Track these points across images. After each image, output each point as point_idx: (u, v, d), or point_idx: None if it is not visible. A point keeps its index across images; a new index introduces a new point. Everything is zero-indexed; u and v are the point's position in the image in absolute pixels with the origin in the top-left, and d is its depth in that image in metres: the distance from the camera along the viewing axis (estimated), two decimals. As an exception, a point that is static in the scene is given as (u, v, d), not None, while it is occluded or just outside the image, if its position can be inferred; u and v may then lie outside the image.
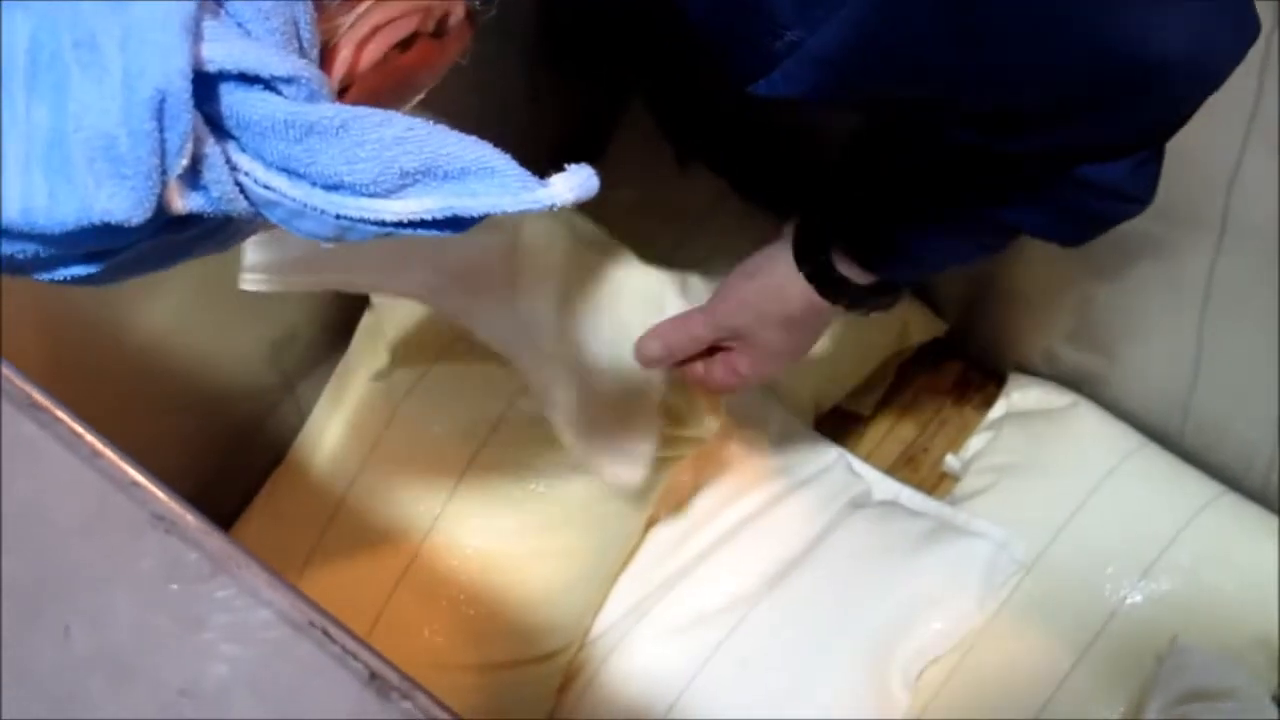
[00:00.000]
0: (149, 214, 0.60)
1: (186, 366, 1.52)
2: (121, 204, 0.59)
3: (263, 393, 1.68)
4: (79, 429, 0.73)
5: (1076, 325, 1.81)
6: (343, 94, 0.73)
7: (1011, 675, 1.64)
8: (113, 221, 0.59)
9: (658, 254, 1.64)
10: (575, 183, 0.63)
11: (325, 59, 0.71)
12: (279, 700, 0.67)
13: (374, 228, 0.63)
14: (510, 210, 0.62)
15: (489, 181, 0.62)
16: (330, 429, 1.68)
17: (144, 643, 0.69)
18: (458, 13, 0.82)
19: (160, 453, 0.73)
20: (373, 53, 0.75)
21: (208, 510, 0.72)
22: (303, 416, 1.73)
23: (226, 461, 1.65)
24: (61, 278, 0.67)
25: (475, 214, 0.63)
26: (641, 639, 1.64)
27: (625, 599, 1.69)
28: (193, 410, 1.58)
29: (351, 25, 0.73)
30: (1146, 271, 1.64)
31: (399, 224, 0.63)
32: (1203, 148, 1.43)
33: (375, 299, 1.68)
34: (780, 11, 0.88)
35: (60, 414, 0.73)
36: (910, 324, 1.93)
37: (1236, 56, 0.94)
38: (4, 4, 0.59)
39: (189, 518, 0.71)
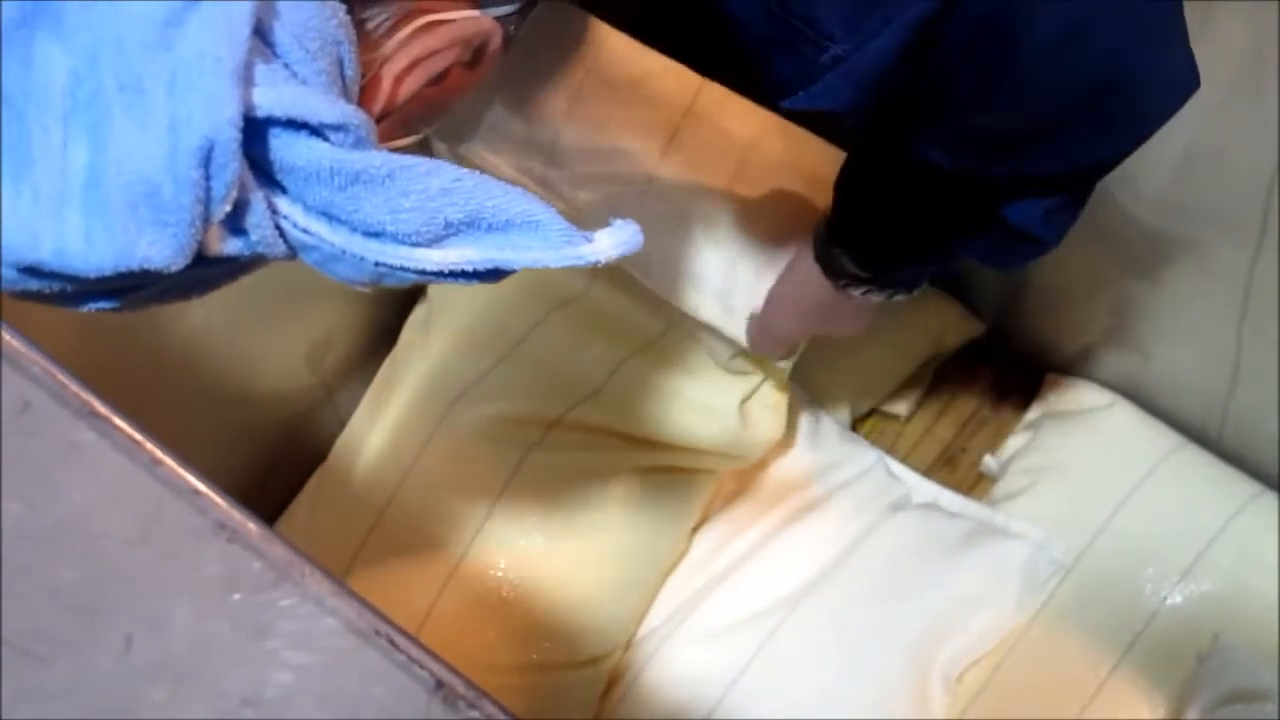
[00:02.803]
0: (189, 260, 0.59)
1: (225, 368, 1.52)
2: (162, 251, 0.58)
3: (300, 395, 1.68)
4: (138, 436, 0.72)
5: (1114, 325, 1.80)
6: (377, 122, 0.72)
7: (1052, 676, 1.63)
8: (152, 268, 0.59)
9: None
10: (620, 239, 0.63)
11: (364, 90, 0.70)
12: (344, 709, 0.67)
13: (413, 275, 0.63)
14: (552, 265, 0.62)
15: (532, 235, 0.62)
16: (375, 430, 1.68)
17: (206, 652, 0.68)
18: (495, 41, 0.82)
19: (197, 455, 0.73)
20: (410, 86, 0.74)
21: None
22: (341, 419, 1.72)
23: (263, 464, 1.65)
24: (83, 309, 0.66)
25: (516, 266, 0.63)
26: (682, 642, 1.64)
27: (667, 603, 1.69)
28: (230, 412, 1.58)
29: (391, 57, 0.73)
30: (1185, 272, 1.63)
31: (439, 273, 0.62)
32: (1242, 150, 1.42)
33: (431, 291, 1.68)
34: (829, 25, 0.88)
35: (119, 422, 0.72)
36: (948, 326, 1.92)
37: (1180, 104, 0.99)
38: (38, 36, 0.57)
39: (251, 526, 0.70)
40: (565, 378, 1.63)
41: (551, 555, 1.60)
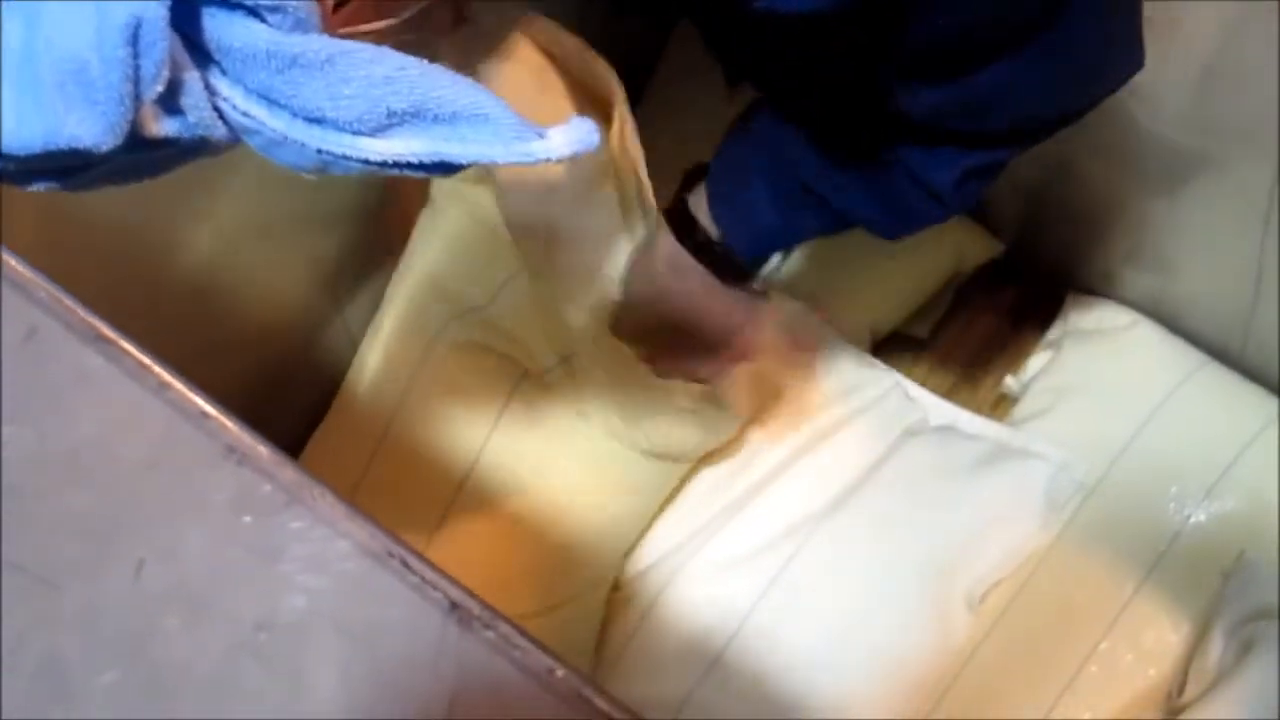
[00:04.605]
0: (120, 139, 0.58)
1: (238, 293, 1.51)
2: (91, 129, 0.57)
3: (316, 319, 1.67)
4: (146, 360, 0.72)
5: (1135, 244, 1.79)
6: (338, 8, 0.71)
7: (1076, 597, 1.62)
8: (81, 147, 0.58)
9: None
10: (575, 137, 0.60)
11: None
12: (359, 632, 0.66)
13: (356, 164, 0.62)
14: (500, 161, 0.60)
15: (481, 128, 0.60)
16: (369, 364, 1.67)
17: (218, 577, 0.68)
18: None
19: (213, 384, 0.72)
20: None
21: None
22: (354, 343, 1.71)
23: (280, 390, 1.64)
24: (30, 189, 0.65)
25: (464, 160, 0.61)
26: (697, 571, 1.63)
27: (679, 532, 1.68)
28: (245, 339, 1.57)
29: None
30: (1205, 189, 1.62)
31: (383, 164, 0.61)
32: (1263, 64, 1.41)
33: (435, 192, 1.66)
34: None
35: (127, 346, 0.72)
36: (967, 246, 1.91)
37: (1126, 79, 1.07)
38: None
39: (261, 449, 0.70)
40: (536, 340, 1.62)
41: (544, 494, 1.59)
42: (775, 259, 1.71)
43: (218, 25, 0.59)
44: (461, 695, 0.66)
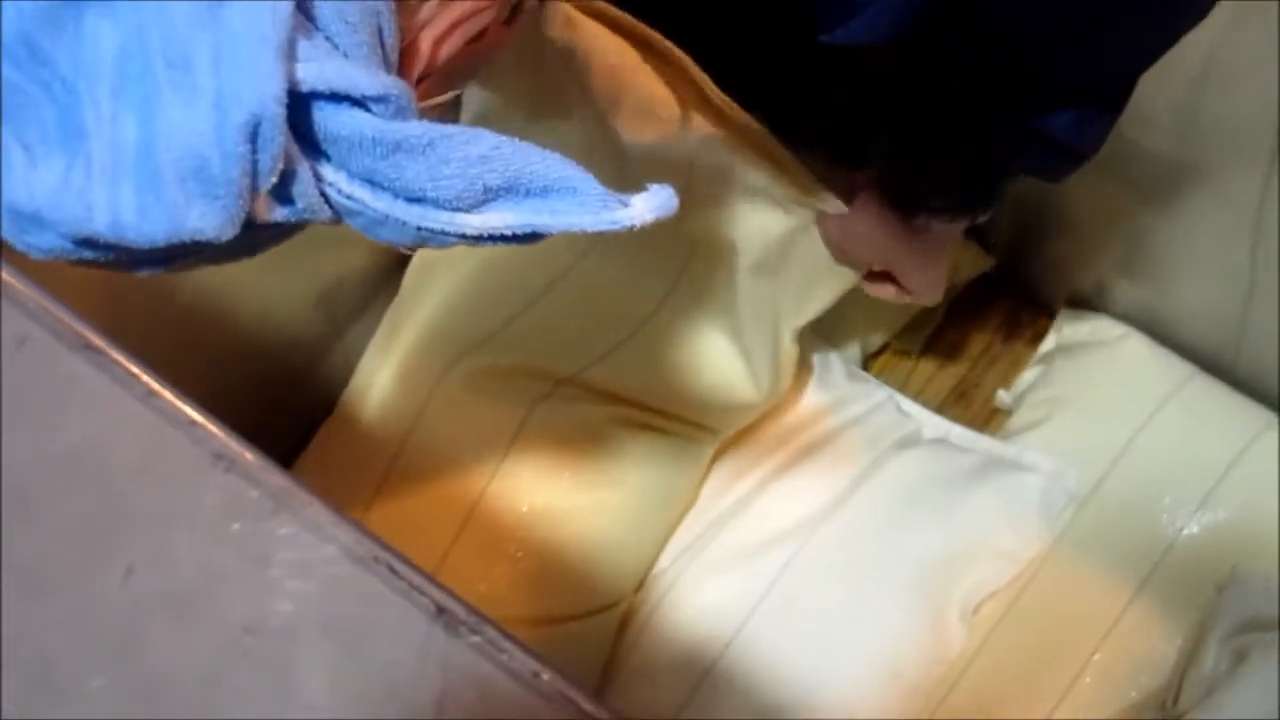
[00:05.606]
0: (238, 229, 0.61)
1: (235, 312, 1.52)
2: (212, 222, 0.60)
3: (311, 339, 1.67)
4: (134, 369, 0.72)
5: (1126, 257, 1.79)
6: (418, 83, 0.74)
7: (1070, 608, 1.63)
8: (203, 239, 0.60)
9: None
10: (656, 203, 0.64)
11: (403, 55, 0.71)
12: (346, 636, 0.67)
13: (454, 238, 0.64)
14: (589, 229, 0.63)
15: (570, 200, 0.63)
16: (381, 379, 1.67)
17: (207, 582, 0.68)
18: None
19: (207, 399, 0.73)
20: (450, 47, 0.76)
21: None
22: (350, 364, 1.72)
23: (275, 410, 1.65)
24: (135, 273, 0.68)
25: (554, 230, 0.64)
26: (696, 578, 1.64)
27: (678, 540, 1.69)
28: (240, 357, 1.58)
29: (430, 21, 0.74)
30: (1197, 201, 1.62)
31: (479, 236, 0.64)
32: (1254, 73, 1.41)
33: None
34: None
35: (115, 354, 0.73)
36: (959, 261, 1.91)
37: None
38: (89, 10, 0.59)
39: (248, 455, 0.70)
40: (572, 342, 1.62)
41: (560, 508, 1.60)
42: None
43: (326, 117, 0.61)
44: (448, 698, 0.66)
